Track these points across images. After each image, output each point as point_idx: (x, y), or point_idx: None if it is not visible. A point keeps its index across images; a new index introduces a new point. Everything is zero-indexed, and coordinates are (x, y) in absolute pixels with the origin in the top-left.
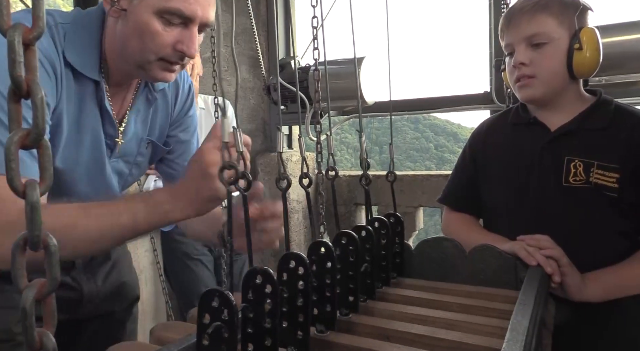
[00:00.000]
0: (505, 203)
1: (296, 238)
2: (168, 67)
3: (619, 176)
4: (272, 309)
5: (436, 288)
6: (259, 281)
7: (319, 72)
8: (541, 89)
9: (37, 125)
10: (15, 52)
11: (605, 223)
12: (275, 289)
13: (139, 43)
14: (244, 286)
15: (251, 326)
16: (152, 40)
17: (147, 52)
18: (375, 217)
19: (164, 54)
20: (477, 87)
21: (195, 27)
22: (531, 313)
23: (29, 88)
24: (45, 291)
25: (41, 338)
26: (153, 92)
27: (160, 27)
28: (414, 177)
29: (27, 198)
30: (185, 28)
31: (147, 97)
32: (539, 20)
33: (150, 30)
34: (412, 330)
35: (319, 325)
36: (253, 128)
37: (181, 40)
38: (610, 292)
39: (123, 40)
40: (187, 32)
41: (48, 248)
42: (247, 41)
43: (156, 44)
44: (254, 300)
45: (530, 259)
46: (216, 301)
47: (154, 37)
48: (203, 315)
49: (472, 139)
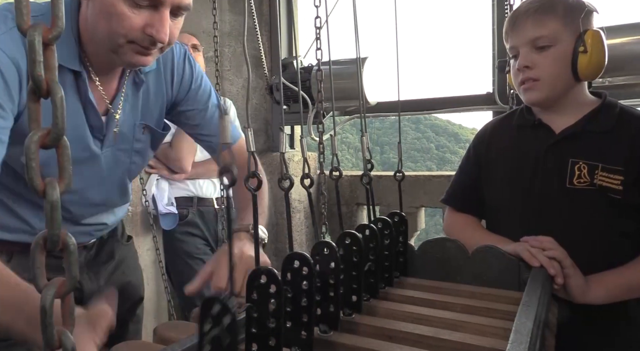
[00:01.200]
0: (509, 204)
1: (298, 238)
2: (140, 51)
3: (623, 178)
4: (276, 309)
5: (439, 288)
6: (263, 281)
7: (321, 72)
8: (546, 92)
9: (56, 124)
10: (35, 51)
11: (609, 225)
12: (280, 290)
13: (106, 26)
14: (249, 286)
15: (255, 326)
16: (118, 23)
17: (115, 35)
18: (379, 217)
19: (133, 37)
20: (480, 88)
21: (166, 9)
22: (535, 315)
23: (48, 87)
24: (65, 290)
25: (60, 337)
26: (140, 74)
27: (127, 9)
28: (416, 177)
29: (47, 197)
30: (155, 11)
31: (134, 80)
32: (543, 23)
33: (116, 12)
34: (415, 331)
35: (322, 325)
36: (255, 128)
37: (150, 23)
38: (614, 294)
39: (93, 24)
40: (157, 15)
41: (67, 247)
42: (249, 41)
43: (123, 27)
44: (258, 300)
45: (533, 261)
46: (216, 309)
47: (120, 19)
48: (204, 322)
49: (476, 140)
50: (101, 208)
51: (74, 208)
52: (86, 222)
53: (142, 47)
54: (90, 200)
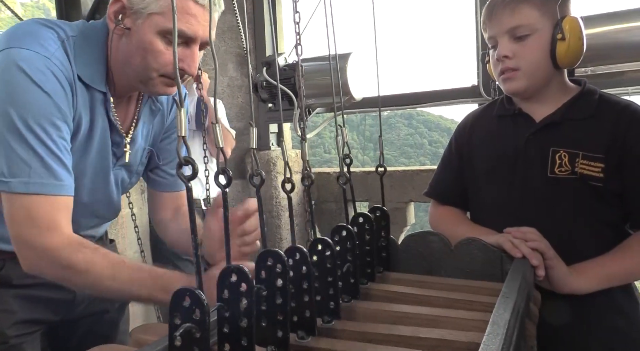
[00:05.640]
0: (492, 195)
1: (287, 236)
2: (169, 83)
3: (604, 165)
4: (247, 308)
5: (421, 282)
6: (234, 280)
7: (302, 68)
8: (525, 81)
9: None
10: None
11: (591, 213)
12: (250, 288)
13: (142, 61)
14: (219, 285)
15: (227, 326)
16: (154, 59)
17: (150, 69)
18: (359, 212)
19: (165, 71)
20: (465, 81)
21: (197, 46)
22: (513, 306)
23: None
24: None
25: None
26: (157, 103)
27: (163, 47)
28: (404, 172)
29: None
30: (186, 47)
31: (150, 108)
32: (520, 12)
33: (153, 49)
34: (394, 332)
35: (300, 331)
36: (241, 126)
37: (182, 59)
38: (597, 283)
39: (126, 56)
40: (189, 51)
41: None
42: (233, 39)
43: (159, 63)
44: (229, 298)
45: (515, 251)
46: (187, 301)
47: (156, 56)
48: (174, 315)
49: (457, 132)
50: (101, 221)
51: (83, 220)
52: (81, 234)
53: (171, 79)
54: (96, 213)
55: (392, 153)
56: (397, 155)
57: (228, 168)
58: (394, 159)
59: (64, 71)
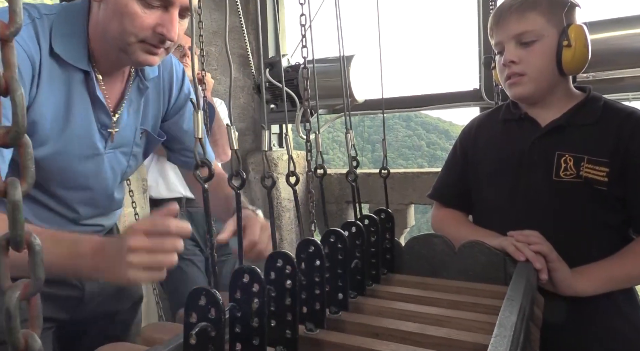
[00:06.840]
0: (496, 198)
1: (288, 237)
2: (150, 50)
3: (608, 170)
4: (259, 308)
5: (425, 284)
6: (246, 280)
7: (307, 70)
8: (531, 87)
9: (17, 122)
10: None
11: (595, 217)
12: (263, 288)
13: (118, 25)
14: (232, 285)
15: (239, 326)
16: (131, 22)
17: (127, 34)
18: (365, 214)
19: (144, 36)
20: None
21: (176, 10)
22: (519, 309)
23: (7, 85)
24: (30, 291)
25: (26, 340)
26: (144, 81)
27: (140, 9)
28: (405, 174)
29: (9, 197)
30: (165, 11)
31: (138, 86)
32: (527, 19)
33: (129, 12)
34: (401, 327)
35: (308, 323)
36: (243, 127)
37: (161, 23)
38: (600, 286)
39: (104, 24)
40: (167, 16)
41: (32, 247)
42: (236, 40)
43: (135, 26)
44: (241, 299)
45: (518, 255)
46: (203, 299)
47: (133, 19)
48: (190, 314)
49: (462, 135)
50: (102, 210)
51: (81, 209)
52: (85, 223)
53: (151, 46)
54: (94, 201)
55: (390, 155)
56: (395, 157)
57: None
58: (392, 160)
59: (26, 49)
